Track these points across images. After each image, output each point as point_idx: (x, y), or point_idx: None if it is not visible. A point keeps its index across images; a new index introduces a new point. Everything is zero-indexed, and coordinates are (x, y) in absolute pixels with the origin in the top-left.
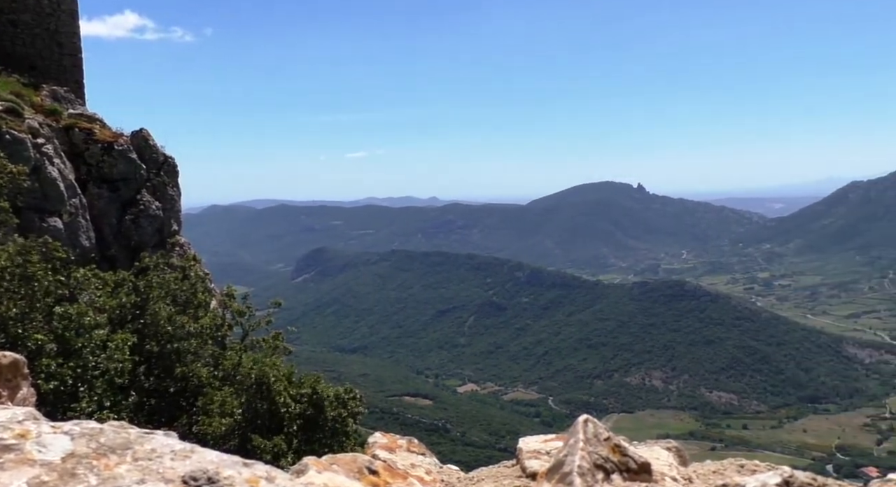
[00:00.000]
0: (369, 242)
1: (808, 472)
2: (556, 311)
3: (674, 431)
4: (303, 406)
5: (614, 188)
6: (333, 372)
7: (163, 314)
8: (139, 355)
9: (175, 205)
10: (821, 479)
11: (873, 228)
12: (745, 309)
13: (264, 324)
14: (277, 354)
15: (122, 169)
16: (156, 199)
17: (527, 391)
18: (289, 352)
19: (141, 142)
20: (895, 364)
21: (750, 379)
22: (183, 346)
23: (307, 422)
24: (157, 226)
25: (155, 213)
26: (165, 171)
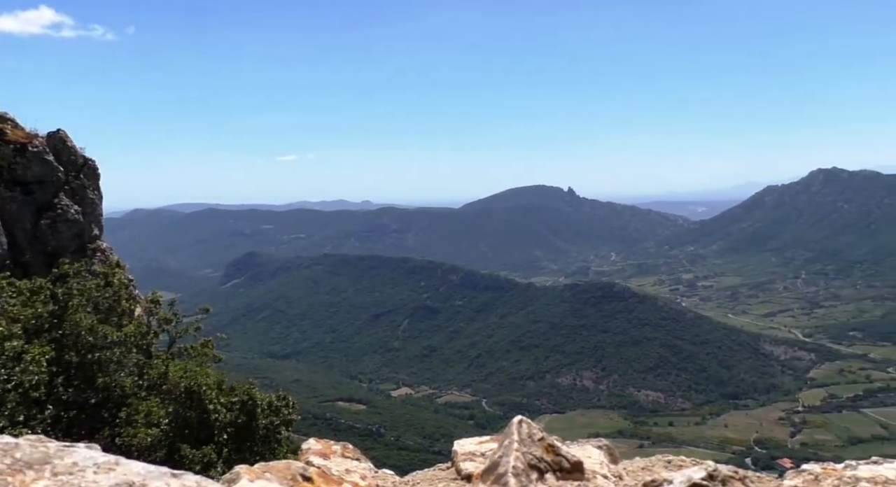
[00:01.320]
0: (301, 246)
1: (730, 466)
2: (489, 314)
3: (604, 430)
4: (234, 414)
5: (546, 192)
6: (265, 379)
7: (84, 323)
8: (57, 366)
9: (96, 208)
10: (741, 472)
11: (787, 231)
12: (671, 310)
13: (192, 331)
14: (207, 362)
15: (36, 171)
16: (75, 203)
17: (461, 393)
18: (219, 360)
19: (58, 144)
20: (807, 360)
21: (676, 377)
22: (105, 356)
23: (238, 431)
24: (77, 231)
25: (74, 218)
26: (85, 174)
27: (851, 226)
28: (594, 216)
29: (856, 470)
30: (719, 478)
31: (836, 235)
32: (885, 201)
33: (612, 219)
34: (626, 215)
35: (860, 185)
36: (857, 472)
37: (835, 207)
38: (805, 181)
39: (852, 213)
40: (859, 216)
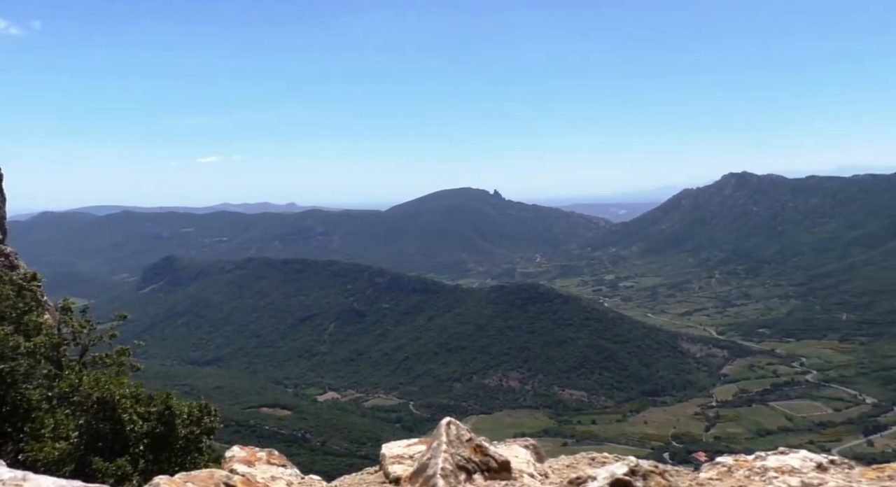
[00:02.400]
0: (223, 250)
1: (651, 461)
2: (416, 316)
3: (529, 429)
4: (151, 424)
5: (472, 194)
6: (185, 386)
7: None
8: None
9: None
10: (661, 466)
11: (702, 232)
12: (594, 310)
13: (107, 339)
14: (123, 371)
15: None
16: None
17: (388, 396)
18: (136, 369)
19: None
20: (721, 356)
21: (598, 376)
22: (12, 367)
23: (156, 441)
24: None
25: None
26: None
27: (760, 228)
28: (519, 218)
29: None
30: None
31: (746, 236)
32: (790, 204)
33: (537, 221)
34: (550, 217)
35: (768, 189)
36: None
37: (745, 210)
38: (718, 184)
39: (761, 216)
40: (767, 218)
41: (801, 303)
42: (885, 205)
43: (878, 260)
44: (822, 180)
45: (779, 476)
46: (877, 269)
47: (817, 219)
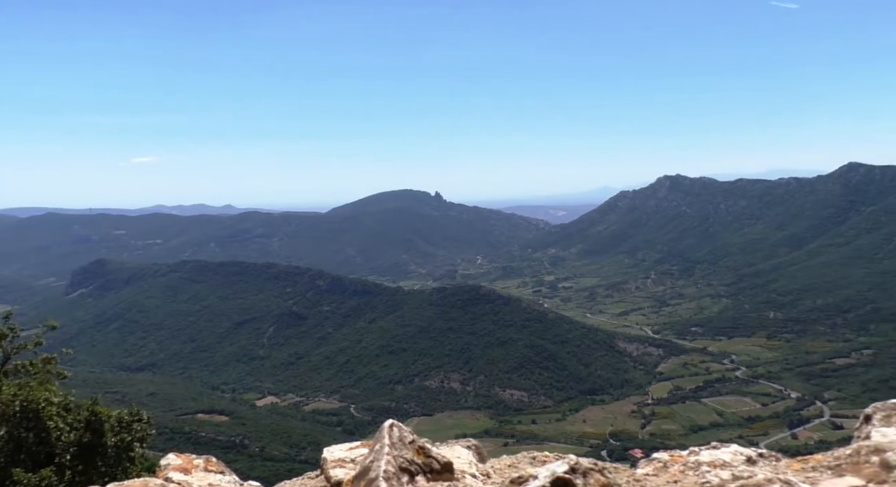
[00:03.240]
0: (157, 253)
1: (590, 458)
2: (357, 319)
3: (471, 430)
4: (79, 433)
5: (413, 196)
6: (117, 394)
7: None
8: None
9: None
10: (600, 463)
11: (638, 233)
12: (534, 311)
13: (32, 347)
14: (49, 379)
15: None
16: None
17: (328, 400)
18: (63, 377)
19: None
20: (656, 355)
21: (538, 376)
22: None
23: (84, 450)
24: None
25: None
26: None
27: (693, 229)
28: (461, 220)
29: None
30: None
31: (680, 237)
32: (720, 206)
33: (478, 222)
34: (491, 219)
35: (700, 191)
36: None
37: (679, 212)
38: (653, 187)
39: (693, 217)
40: (699, 220)
41: (732, 302)
42: (808, 206)
43: (802, 260)
44: (750, 183)
45: (711, 470)
46: (801, 269)
47: (746, 221)
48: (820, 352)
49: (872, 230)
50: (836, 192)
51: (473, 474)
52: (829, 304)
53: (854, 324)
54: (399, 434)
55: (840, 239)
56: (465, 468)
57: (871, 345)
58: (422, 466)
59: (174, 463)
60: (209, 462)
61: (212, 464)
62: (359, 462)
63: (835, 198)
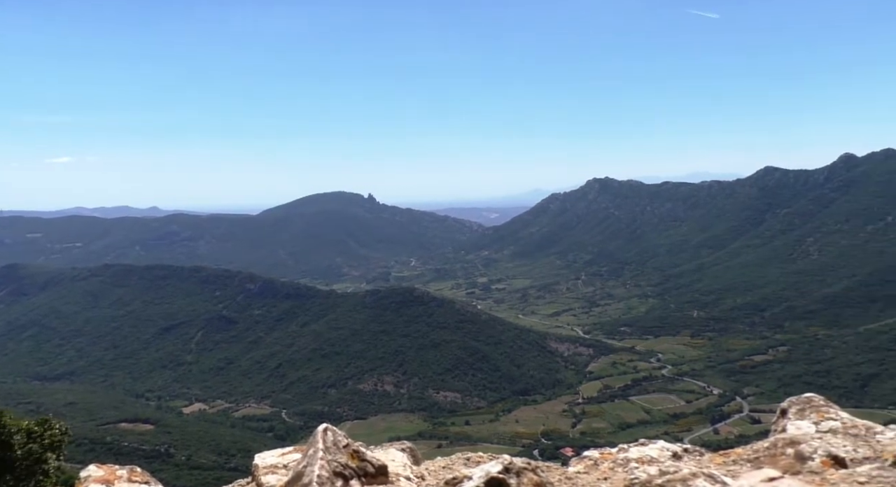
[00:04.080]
0: (77, 256)
1: (524, 458)
2: (289, 322)
3: (404, 432)
4: None
5: (346, 198)
6: (31, 405)
7: None
8: None
9: None
10: (533, 463)
11: (569, 235)
12: (468, 312)
13: None
14: None
15: None
16: None
17: (259, 406)
18: None
19: None
20: (586, 355)
21: (472, 377)
22: None
23: None
24: None
25: None
26: None
27: (622, 231)
28: (394, 222)
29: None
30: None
31: (609, 239)
32: (647, 208)
33: (412, 225)
34: (424, 221)
35: (628, 194)
36: (628, 454)
37: (608, 214)
38: (583, 189)
39: (622, 219)
40: (627, 222)
41: (658, 302)
42: (728, 209)
43: (723, 261)
44: (675, 186)
45: (640, 467)
46: (722, 269)
47: (671, 223)
48: (739, 350)
49: (786, 231)
50: (754, 195)
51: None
52: (748, 303)
53: (770, 322)
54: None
55: (757, 240)
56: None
57: (785, 342)
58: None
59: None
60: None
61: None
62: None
63: (752, 200)
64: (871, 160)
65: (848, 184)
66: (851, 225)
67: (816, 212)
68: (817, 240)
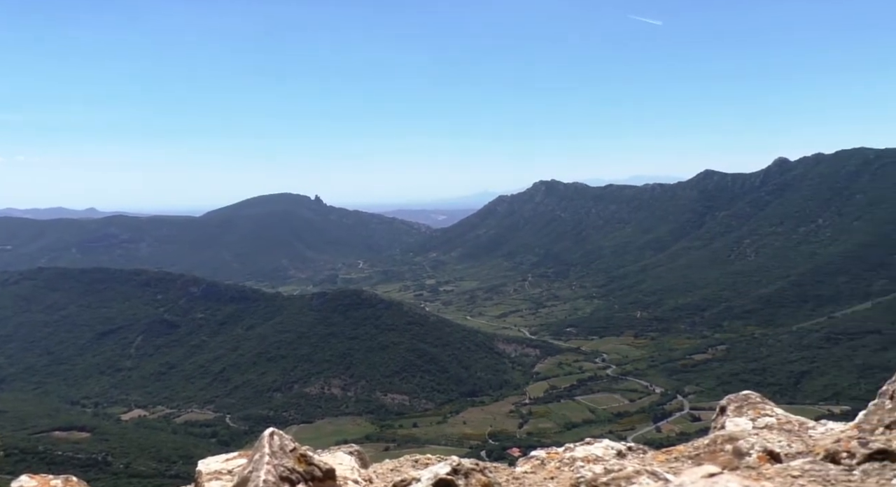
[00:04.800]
0: (7, 259)
1: (472, 459)
2: (234, 326)
3: (352, 436)
4: None
5: (292, 199)
6: None
7: None
8: None
9: None
10: (481, 464)
11: (516, 237)
12: (416, 314)
13: None
14: None
15: None
16: None
17: (202, 411)
18: None
19: None
20: (533, 355)
21: (420, 379)
22: None
23: None
24: None
25: None
26: None
27: (567, 233)
28: (342, 224)
29: (573, 452)
30: (462, 472)
31: (555, 241)
32: (592, 211)
33: (359, 227)
34: (372, 223)
35: (573, 196)
36: (574, 453)
37: (554, 216)
38: (530, 192)
39: (567, 221)
40: (573, 223)
41: (603, 303)
42: (670, 211)
43: (665, 262)
44: (619, 189)
45: (585, 465)
46: (664, 270)
47: (616, 225)
48: (681, 349)
49: (725, 233)
50: (694, 198)
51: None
52: (689, 303)
53: (710, 322)
54: (280, 443)
55: (698, 242)
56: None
57: (724, 341)
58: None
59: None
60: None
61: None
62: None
63: (693, 203)
64: (804, 164)
65: (782, 187)
66: (785, 227)
67: (753, 215)
68: (754, 242)
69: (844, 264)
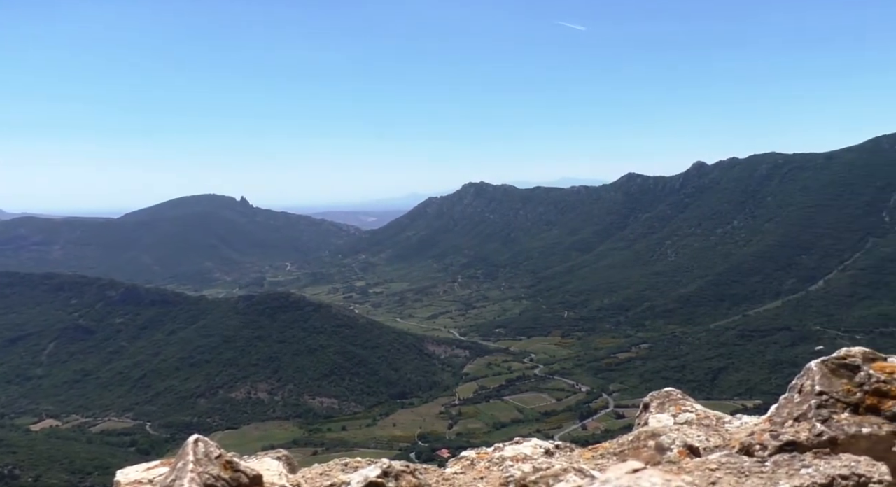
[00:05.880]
0: None
1: (402, 461)
2: (155, 331)
3: (279, 441)
4: None
5: (217, 201)
6: None
7: None
8: None
9: None
10: (412, 465)
11: (446, 239)
12: (345, 317)
13: None
14: None
15: None
16: None
17: (120, 419)
18: None
19: None
20: (463, 356)
21: (349, 382)
22: None
23: None
24: None
25: None
26: None
27: (496, 234)
28: (269, 226)
29: (502, 452)
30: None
31: (484, 242)
32: (520, 212)
33: (287, 228)
34: (300, 225)
35: (502, 198)
36: (503, 453)
37: (483, 218)
38: (459, 193)
39: (496, 223)
40: (502, 225)
41: (531, 304)
42: (595, 213)
43: (591, 263)
44: (547, 191)
45: (514, 464)
46: (590, 271)
47: (543, 227)
48: (606, 348)
49: (647, 235)
50: (618, 200)
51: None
52: (613, 303)
53: (633, 321)
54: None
55: (622, 243)
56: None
57: (647, 340)
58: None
59: None
60: None
61: None
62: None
63: (617, 205)
64: (720, 168)
65: (700, 190)
66: (703, 228)
67: (673, 217)
68: (674, 243)
69: (757, 264)
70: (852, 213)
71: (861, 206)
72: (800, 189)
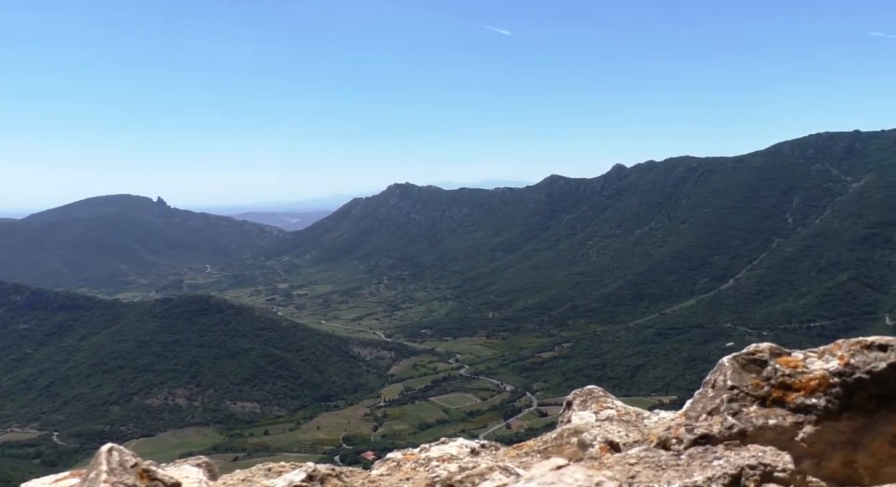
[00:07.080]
0: None
1: (328, 464)
2: (65, 336)
3: (197, 448)
4: None
5: (132, 202)
6: None
7: None
8: None
9: None
10: (337, 468)
11: (371, 240)
12: (268, 320)
13: None
14: None
15: None
16: None
17: (24, 430)
18: None
19: None
20: (388, 358)
21: (272, 386)
22: None
23: None
24: None
25: None
26: None
27: (422, 236)
28: (187, 227)
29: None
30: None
31: (410, 243)
32: (446, 214)
33: (207, 230)
34: (221, 226)
35: (428, 199)
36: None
37: (409, 219)
38: (384, 194)
39: (422, 224)
40: (428, 226)
41: (457, 304)
42: (519, 214)
43: (515, 264)
44: (472, 192)
45: (441, 465)
46: (514, 271)
47: (469, 228)
48: (530, 348)
49: (570, 236)
50: (542, 202)
51: None
52: (537, 303)
53: (556, 321)
54: (120, 459)
55: (545, 244)
56: None
57: (569, 339)
58: None
59: None
60: None
61: None
62: None
63: (541, 206)
64: (638, 171)
65: (620, 192)
66: (623, 229)
67: (595, 218)
68: (596, 244)
69: (673, 264)
70: (759, 215)
71: (767, 209)
72: (712, 191)
